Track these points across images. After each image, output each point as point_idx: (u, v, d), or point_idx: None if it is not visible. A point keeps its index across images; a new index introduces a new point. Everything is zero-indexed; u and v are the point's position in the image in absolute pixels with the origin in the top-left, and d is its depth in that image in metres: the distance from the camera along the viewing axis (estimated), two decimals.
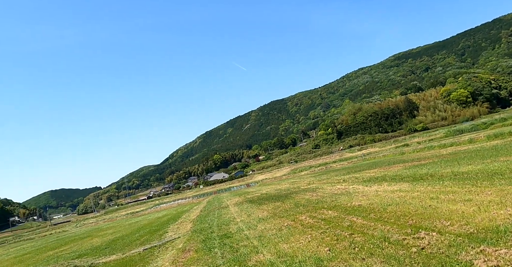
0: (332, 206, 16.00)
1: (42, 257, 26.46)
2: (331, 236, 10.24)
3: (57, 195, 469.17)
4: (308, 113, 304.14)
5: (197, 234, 17.35)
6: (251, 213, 21.15)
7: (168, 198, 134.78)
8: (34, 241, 66.56)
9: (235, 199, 39.08)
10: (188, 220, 27.37)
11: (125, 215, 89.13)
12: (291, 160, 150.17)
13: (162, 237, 20.92)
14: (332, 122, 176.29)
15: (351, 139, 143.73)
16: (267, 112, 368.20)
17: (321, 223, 12.51)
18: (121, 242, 23.80)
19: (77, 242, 33.72)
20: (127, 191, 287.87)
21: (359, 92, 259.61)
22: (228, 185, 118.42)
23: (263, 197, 31.30)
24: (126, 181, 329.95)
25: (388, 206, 13.02)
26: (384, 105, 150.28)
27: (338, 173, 43.26)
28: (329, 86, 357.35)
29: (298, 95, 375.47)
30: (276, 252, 9.83)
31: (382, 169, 31.75)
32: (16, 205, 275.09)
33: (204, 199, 70.00)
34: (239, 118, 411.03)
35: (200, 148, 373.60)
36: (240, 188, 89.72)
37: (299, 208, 17.90)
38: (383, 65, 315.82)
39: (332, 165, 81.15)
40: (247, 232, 14.38)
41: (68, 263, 17.80)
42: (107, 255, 18.38)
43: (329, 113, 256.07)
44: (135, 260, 14.88)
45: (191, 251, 13.21)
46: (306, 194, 24.83)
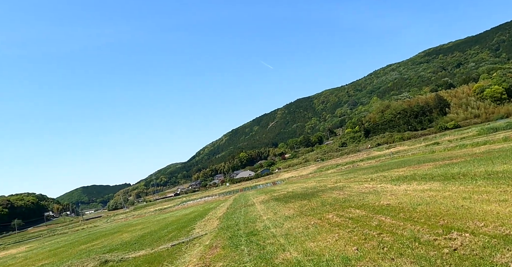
0: (360, 205, 15.76)
1: (75, 251, 27.36)
2: (359, 235, 10.09)
3: (89, 191, 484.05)
4: (334, 111, 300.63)
5: (224, 231, 17.48)
6: (277, 211, 21.12)
7: (195, 195, 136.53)
8: (67, 236, 68.85)
9: (261, 197, 39.13)
10: (215, 217, 27.62)
11: (153, 212, 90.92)
12: (317, 158, 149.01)
13: (189, 233, 21.21)
14: (359, 120, 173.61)
15: (379, 137, 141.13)
16: (293, 110, 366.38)
17: (349, 222, 12.35)
18: (149, 237, 24.29)
19: (108, 237, 34.66)
20: (155, 188, 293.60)
21: (387, 89, 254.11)
22: (254, 183, 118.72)
23: (289, 195, 31.19)
24: (154, 178, 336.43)
25: (418, 205, 12.71)
26: (414, 102, 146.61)
27: (365, 171, 42.56)
28: (356, 84, 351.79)
29: (325, 93, 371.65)
30: (303, 250, 9.77)
31: (412, 168, 31.01)
32: (50, 200, 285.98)
33: (230, 197, 70.47)
34: (265, 116, 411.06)
35: (226, 146, 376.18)
36: (266, 186, 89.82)
37: (325, 207, 17.73)
38: (412, 61, 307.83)
39: (359, 163, 79.98)
40: (273, 230, 14.37)
41: (100, 257, 18.30)
42: (137, 250, 18.80)
43: (356, 110, 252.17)
44: (163, 255, 15.14)
45: (218, 247, 13.32)
46: (333, 192, 24.57)
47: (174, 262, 12.93)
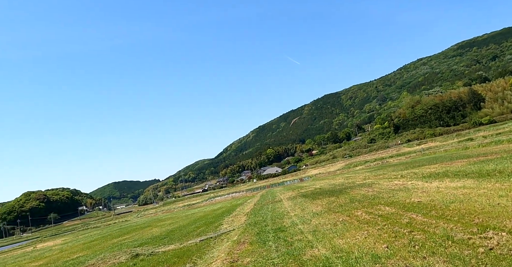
0: (390, 202, 15.46)
1: (107, 245, 28.21)
2: (389, 233, 9.89)
3: (120, 186, 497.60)
4: (363, 106, 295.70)
5: (252, 227, 17.55)
6: (305, 207, 21.02)
7: (223, 191, 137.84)
8: (100, 229, 71.02)
9: (289, 193, 39.05)
10: (242, 213, 27.79)
11: (182, 207, 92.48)
12: (345, 154, 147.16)
13: (217, 229, 21.44)
14: (389, 116, 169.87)
15: (409, 133, 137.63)
16: (320, 106, 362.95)
17: (378, 219, 12.13)
18: (178, 232, 24.72)
19: (138, 231, 35.53)
20: (183, 183, 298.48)
21: (417, 84, 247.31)
22: (281, 179, 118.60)
23: (317, 192, 30.97)
24: (182, 174, 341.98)
25: (451, 203, 12.33)
26: (446, 97, 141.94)
27: (395, 168, 41.72)
28: (385, 78, 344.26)
29: (353, 88, 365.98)
30: (331, 247, 9.68)
31: (444, 165, 30.13)
32: (84, 195, 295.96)
33: (257, 193, 70.71)
34: (292, 112, 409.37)
35: (253, 142, 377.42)
36: (293, 182, 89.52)
37: (354, 204, 17.49)
38: (445, 54, 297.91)
39: (388, 160, 78.50)
40: (301, 227, 14.31)
41: (131, 251, 18.79)
42: (166, 245, 19.18)
43: (386, 106, 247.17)
44: (192, 250, 15.38)
45: (246, 243, 13.39)
46: (361, 189, 24.21)
47: (203, 257, 13.11)
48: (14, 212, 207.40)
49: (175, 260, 13.77)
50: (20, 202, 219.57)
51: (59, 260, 24.76)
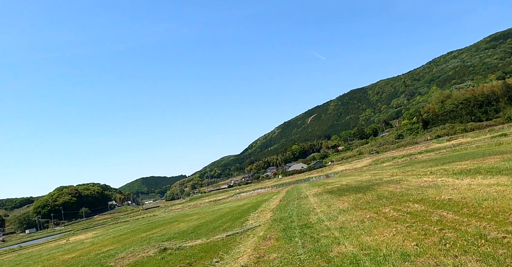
0: (419, 199, 15.12)
1: (136, 238, 28.89)
2: (418, 231, 9.68)
3: (148, 182, 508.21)
4: (390, 101, 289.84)
5: (277, 223, 17.56)
6: (331, 204, 20.85)
7: (248, 187, 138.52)
8: (129, 224, 72.81)
9: (314, 190, 38.84)
10: (268, 209, 27.84)
11: (208, 203, 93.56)
12: (372, 150, 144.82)
13: (243, 224, 21.57)
14: (417, 111, 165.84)
15: (438, 128, 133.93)
16: (346, 102, 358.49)
17: (407, 217, 11.89)
18: (205, 227, 25.03)
19: (166, 226, 36.20)
20: (209, 179, 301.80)
21: (448, 78, 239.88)
22: (306, 176, 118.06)
23: (343, 188, 30.66)
24: (208, 170, 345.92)
25: (483, 201, 11.95)
26: (478, 91, 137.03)
27: (424, 164, 40.74)
28: (413, 73, 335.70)
29: (380, 83, 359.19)
30: (358, 244, 9.57)
31: (476, 161, 29.20)
32: (113, 190, 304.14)
33: (283, 189, 70.67)
34: (317, 108, 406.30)
35: (278, 139, 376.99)
36: (319, 178, 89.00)
37: (382, 200, 17.21)
38: (477, 47, 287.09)
39: (417, 156, 76.82)
40: (327, 223, 14.21)
41: (159, 245, 19.18)
42: (193, 239, 19.46)
43: (414, 101, 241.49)
44: (218, 245, 15.54)
45: (272, 239, 13.41)
46: (389, 186, 23.79)
47: (229, 252, 13.23)
48: (48, 206, 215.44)
49: (202, 255, 13.95)
50: (53, 196, 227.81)
51: (91, 253, 25.56)
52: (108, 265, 16.98)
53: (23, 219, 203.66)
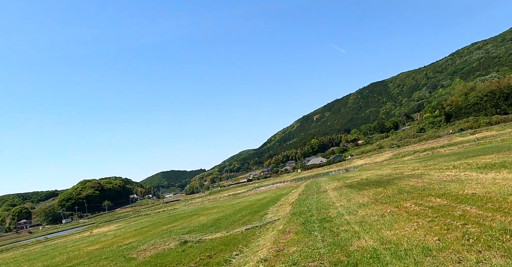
0: (441, 194, 14.85)
1: (157, 231, 29.40)
2: (440, 225, 9.52)
3: (168, 176, 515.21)
4: (411, 94, 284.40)
5: (297, 217, 17.56)
6: (351, 198, 20.70)
7: (267, 181, 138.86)
8: (150, 217, 74.09)
9: (334, 184, 38.63)
10: (287, 203, 27.85)
11: (227, 196, 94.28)
12: (392, 144, 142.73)
13: (262, 218, 21.67)
14: (440, 104, 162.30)
15: (462, 121, 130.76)
16: (366, 95, 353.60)
17: (429, 211, 11.69)
18: (224, 221, 25.25)
19: (186, 219, 36.69)
20: (228, 173, 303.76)
21: (471, 70, 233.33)
22: (326, 170, 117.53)
23: (363, 182, 30.38)
24: (227, 164, 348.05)
25: (509, 195, 11.64)
26: (504, 83, 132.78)
27: (446, 158, 39.95)
28: (435, 65, 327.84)
29: (401, 76, 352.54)
30: (379, 238, 9.48)
31: (501, 155, 28.44)
32: (134, 184, 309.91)
33: (302, 183, 70.56)
34: (336, 101, 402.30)
35: (297, 133, 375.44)
36: (339, 172, 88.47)
37: (403, 195, 16.98)
38: (503, 37, 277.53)
39: (439, 150, 75.40)
40: (347, 217, 14.13)
41: (180, 238, 19.48)
42: (213, 233, 19.67)
43: (436, 94, 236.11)
44: (238, 238, 15.67)
45: (291, 233, 13.43)
46: (410, 180, 23.44)
47: (248, 245, 13.32)
48: (72, 199, 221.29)
49: (222, 248, 14.10)
50: (77, 190, 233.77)
51: (114, 245, 26.17)
52: (130, 257, 17.36)
53: (48, 212, 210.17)
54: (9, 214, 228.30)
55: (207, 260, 12.25)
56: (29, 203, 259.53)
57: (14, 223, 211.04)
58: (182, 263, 12.81)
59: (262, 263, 9.35)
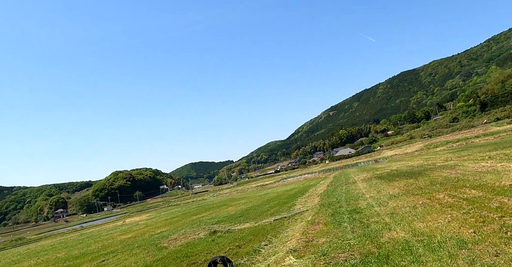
0: (476, 185, 14.36)
1: (187, 221, 29.96)
2: (475, 218, 9.21)
3: (197, 167, 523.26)
4: (444, 83, 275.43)
5: (325, 208, 17.44)
6: (380, 189, 20.36)
7: (295, 172, 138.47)
8: (180, 207, 75.53)
9: (363, 175, 38.09)
10: (315, 194, 27.70)
11: (255, 187, 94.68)
12: (424, 135, 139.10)
13: (290, 209, 21.66)
14: (474, 92, 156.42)
15: (498, 111, 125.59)
16: (396, 84, 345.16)
17: (463, 203, 11.33)
18: (253, 212, 25.41)
19: (215, 210, 37.18)
20: (256, 165, 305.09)
21: (509, 57, 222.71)
22: (354, 161, 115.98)
23: (394, 174, 29.79)
24: (255, 156, 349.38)
25: None
26: None
27: (482, 149, 38.56)
28: (470, 52, 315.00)
29: (433, 64, 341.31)
30: (410, 230, 9.28)
31: None
32: (164, 175, 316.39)
33: (330, 174, 69.96)
34: (365, 91, 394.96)
35: (325, 123, 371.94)
36: (368, 163, 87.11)
37: (435, 186, 16.53)
38: None
39: (474, 140, 72.83)
40: (377, 209, 13.91)
41: (209, 228, 19.78)
42: (241, 223, 19.85)
43: (470, 82, 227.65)
44: (266, 229, 15.74)
45: (320, 224, 13.36)
46: (443, 171, 22.78)
47: (277, 236, 13.36)
48: (105, 189, 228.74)
49: (251, 238, 14.20)
50: (109, 180, 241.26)
51: (145, 234, 26.89)
52: (162, 246, 17.78)
53: (83, 202, 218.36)
54: (47, 204, 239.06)
55: (236, 250, 12.38)
56: (65, 193, 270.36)
57: (52, 212, 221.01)
58: (212, 252, 13.01)
59: (292, 254, 9.35)
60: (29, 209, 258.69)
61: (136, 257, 16.06)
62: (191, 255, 13.39)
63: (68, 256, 23.41)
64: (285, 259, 9.00)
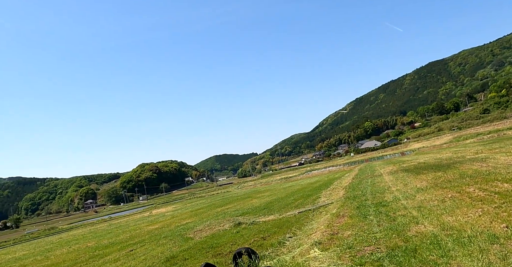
0: (509, 179, 13.86)
1: (212, 213, 30.34)
2: (508, 212, 8.90)
3: (221, 159, 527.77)
4: (474, 73, 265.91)
5: (350, 201, 17.28)
6: (407, 182, 19.98)
7: (319, 165, 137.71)
8: (204, 199, 76.54)
9: (389, 168, 37.49)
10: (340, 187, 27.49)
11: (279, 180, 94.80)
12: (453, 127, 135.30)
13: (315, 201, 21.58)
14: (507, 82, 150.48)
15: None
16: (424, 75, 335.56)
17: (495, 197, 10.97)
18: (277, 204, 25.46)
19: (239, 202, 37.46)
20: (280, 157, 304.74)
21: None
22: (380, 153, 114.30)
23: (421, 166, 29.17)
24: (279, 148, 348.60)
25: None
26: None
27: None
28: (503, 40, 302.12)
29: (463, 54, 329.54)
30: (439, 224, 9.06)
31: None
32: (189, 167, 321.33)
33: (355, 167, 69.22)
34: (392, 82, 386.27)
35: (350, 116, 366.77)
36: (394, 156, 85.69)
37: (465, 179, 16.07)
38: None
39: (506, 132, 70.34)
40: (404, 202, 13.66)
41: (234, 219, 19.96)
42: (266, 215, 19.93)
43: (503, 72, 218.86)
44: (291, 221, 15.74)
45: (345, 216, 13.24)
46: (473, 164, 22.12)
47: (302, 228, 13.34)
48: (132, 181, 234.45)
49: (275, 230, 14.24)
50: (136, 172, 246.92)
51: (172, 225, 27.43)
52: (187, 237, 18.09)
53: (111, 193, 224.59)
54: (77, 195, 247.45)
55: (261, 242, 12.45)
56: (94, 185, 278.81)
57: (82, 203, 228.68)
58: (236, 244, 13.13)
59: (316, 246, 9.32)
60: (61, 199, 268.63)
61: (163, 247, 16.41)
62: (216, 246, 13.56)
63: (98, 245, 24.18)
64: (310, 251, 8.98)
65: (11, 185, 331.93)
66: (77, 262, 18.35)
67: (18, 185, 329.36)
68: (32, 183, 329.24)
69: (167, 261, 12.90)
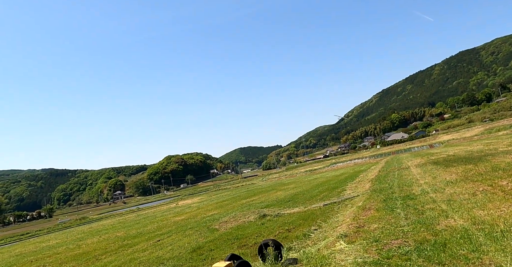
0: None
1: (237, 205, 30.55)
2: None
3: (245, 152, 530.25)
4: (508, 62, 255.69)
5: (377, 194, 17.02)
6: (436, 175, 19.48)
7: (344, 157, 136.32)
8: (229, 191, 77.18)
9: (417, 160, 36.68)
10: (366, 180, 27.11)
11: (304, 172, 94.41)
12: (484, 118, 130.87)
13: (340, 194, 21.38)
14: None
15: None
16: (454, 65, 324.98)
17: None
18: (302, 196, 25.37)
19: (264, 194, 37.55)
20: (304, 150, 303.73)
21: None
22: (407, 146, 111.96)
23: (450, 159, 28.38)
24: (303, 140, 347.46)
25: None
26: None
27: None
28: None
29: (496, 42, 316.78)
30: (470, 218, 8.80)
31: None
32: (214, 159, 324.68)
33: (381, 159, 68.10)
34: (420, 73, 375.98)
35: (376, 107, 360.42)
36: (422, 148, 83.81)
37: (497, 172, 15.52)
38: None
39: None
40: (432, 195, 13.34)
41: (259, 211, 20.03)
42: (291, 207, 19.90)
43: None
44: (316, 214, 15.66)
45: (372, 209, 13.06)
46: (506, 156, 21.34)
47: (327, 221, 13.25)
48: (158, 173, 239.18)
49: (300, 222, 14.21)
50: (163, 164, 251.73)
51: (198, 216, 27.82)
52: (213, 228, 18.30)
53: (139, 184, 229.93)
54: (106, 186, 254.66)
55: (286, 234, 12.46)
56: (122, 176, 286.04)
57: (111, 194, 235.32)
58: (262, 235, 13.19)
59: (342, 239, 9.24)
60: (91, 190, 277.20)
61: (189, 238, 16.68)
62: (241, 238, 13.66)
63: (126, 235, 24.84)
64: (336, 244, 8.91)
65: (44, 177, 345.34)
66: (107, 251, 18.91)
67: (51, 176, 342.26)
68: (64, 174, 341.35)
69: (194, 252, 13.10)
